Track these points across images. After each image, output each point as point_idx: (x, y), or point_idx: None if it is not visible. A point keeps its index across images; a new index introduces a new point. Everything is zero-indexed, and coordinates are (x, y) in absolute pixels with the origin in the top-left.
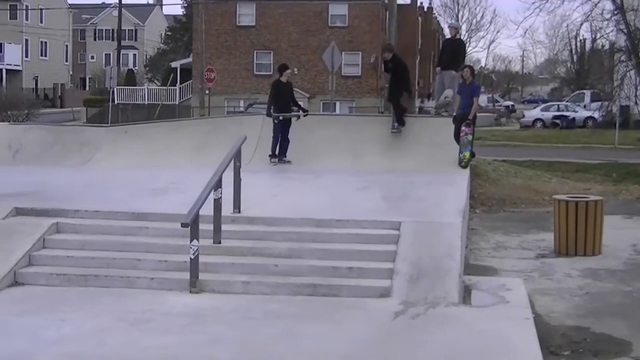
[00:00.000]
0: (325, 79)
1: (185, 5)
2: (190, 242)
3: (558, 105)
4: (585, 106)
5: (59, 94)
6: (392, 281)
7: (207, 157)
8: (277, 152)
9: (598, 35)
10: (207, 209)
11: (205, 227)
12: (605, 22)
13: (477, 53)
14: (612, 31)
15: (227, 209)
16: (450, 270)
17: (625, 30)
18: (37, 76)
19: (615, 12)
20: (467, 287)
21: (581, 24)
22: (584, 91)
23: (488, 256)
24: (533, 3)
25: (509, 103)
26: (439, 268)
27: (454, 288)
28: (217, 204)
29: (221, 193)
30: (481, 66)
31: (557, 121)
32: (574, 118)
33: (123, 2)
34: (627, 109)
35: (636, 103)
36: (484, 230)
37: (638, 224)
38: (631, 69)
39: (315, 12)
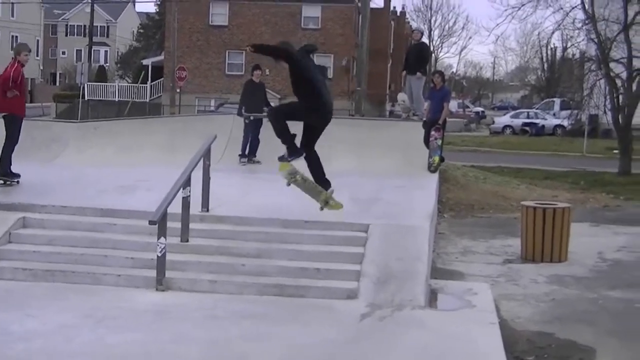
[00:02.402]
0: None
1: (158, 2)
2: (158, 239)
3: (528, 112)
4: (554, 114)
5: (29, 89)
6: (359, 283)
7: (176, 156)
8: (246, 152)
9: (569, 44)
10: (176, 207)
11: (173, 225)
12: (576, 32)
13: (449, 59)
14: (582, 40)
15: (195, 207)
16: (417, 274)
17: (595, 40)
18: None
19: (587, 22)
20: (433, 290)
21: (552, 33)
22: (554, 99)
23: (455, 260)
24: (505, 10)
25: (479, 109)
26: (406, 271)
27: (420, 291)
28: (186, 202)
29: (190, 191)
30: (452, 72)
31: (527, 128)
32: (543, 125)
33: None
34: (596, 118)
35: (605, 112)
36: (451, 234)
37: (604, 232)
38: (601, 78)
39: (288, 13)
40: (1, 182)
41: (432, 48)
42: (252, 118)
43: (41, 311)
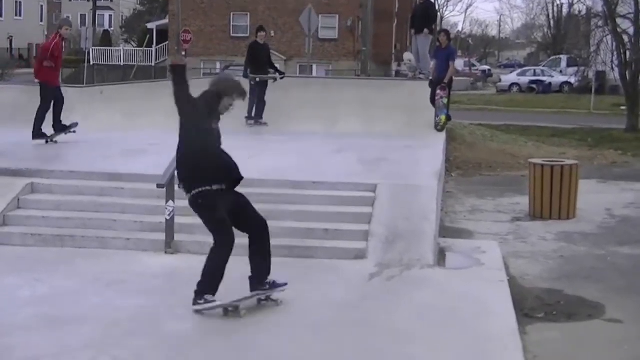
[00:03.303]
0: (302, 42)
1: None
2: (166, 203)
3: (534, 70)
4: (561, 71)
5: (34, 54)
6: (367, 243)
7: None
8: (253, 114)
9: (575, 0)
10: None
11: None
12: None
13: (454, 17)
14: None
15: None
16: (425, 233)
17: None
18: (11, 36)
19: None
20: (442, 249)
21: None
22: (561, 56)
23: (464, 219)
24: None
25: (486, 67)
26: (414, 230)
27: (429, 250)
28: None
29: None
30: (458, 30)
31: (534, 86)
32: (550, 83)
33: None
34: (603, 75)
35: (612, 69)
36: (459, 193)
37: (612, 189)
38: (607, 35)
39: None
40: (43, 141)
41: (437, 7)
42: (257, 80)
43: (50, 276)
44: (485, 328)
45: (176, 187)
